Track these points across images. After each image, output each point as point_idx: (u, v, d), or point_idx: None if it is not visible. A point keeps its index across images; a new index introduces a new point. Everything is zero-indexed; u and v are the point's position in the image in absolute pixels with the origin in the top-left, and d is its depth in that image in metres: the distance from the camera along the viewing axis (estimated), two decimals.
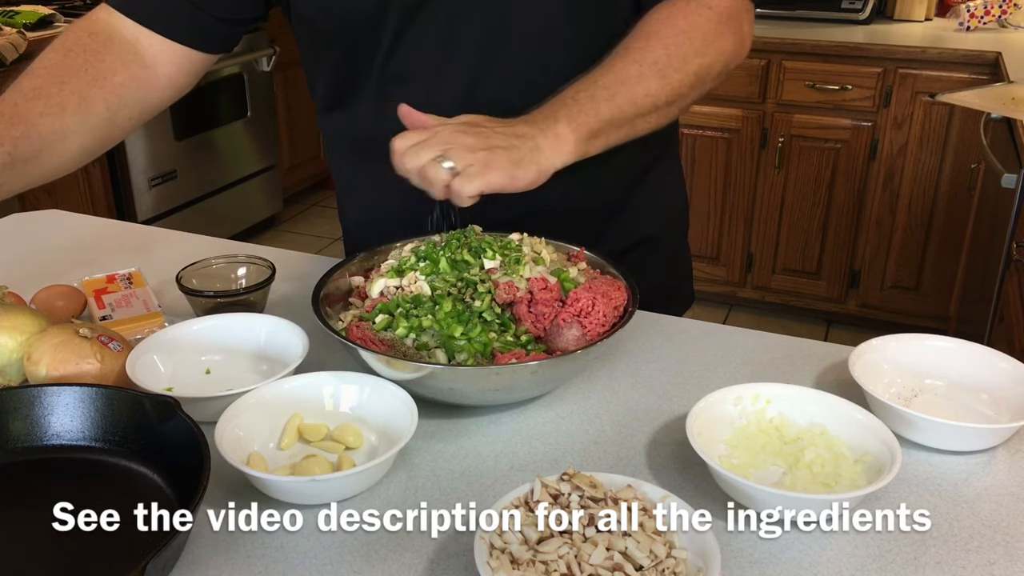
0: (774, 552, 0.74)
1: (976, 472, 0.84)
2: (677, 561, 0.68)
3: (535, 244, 1.01)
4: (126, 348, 0.94)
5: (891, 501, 0.79)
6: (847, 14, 3.05)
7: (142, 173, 3.34)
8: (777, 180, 3.06)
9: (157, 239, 1.40)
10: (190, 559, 0.73)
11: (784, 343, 1.07)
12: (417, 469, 0.84)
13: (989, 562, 0.74)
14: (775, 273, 3.17)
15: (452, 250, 0.97)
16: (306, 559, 0.73)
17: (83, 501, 0.73)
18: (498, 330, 0.92)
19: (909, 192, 2.93)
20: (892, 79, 2.82)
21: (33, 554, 0.73)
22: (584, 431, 0.90)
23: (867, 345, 0.95)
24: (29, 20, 2.92)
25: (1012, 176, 1.96)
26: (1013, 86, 2.35)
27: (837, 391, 0.88)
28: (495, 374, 0.86)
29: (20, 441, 0.83)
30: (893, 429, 0.82)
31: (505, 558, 0.67)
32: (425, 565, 0.73)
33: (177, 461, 0.78)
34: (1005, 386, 0.91)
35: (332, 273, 1.02)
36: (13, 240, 1.37)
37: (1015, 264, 1.93)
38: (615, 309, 0.94)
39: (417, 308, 0.92)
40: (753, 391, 0.87)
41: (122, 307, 1.08)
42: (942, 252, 2.94)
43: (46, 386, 0.85)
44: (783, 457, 0.83)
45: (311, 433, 0.86)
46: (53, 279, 1.14)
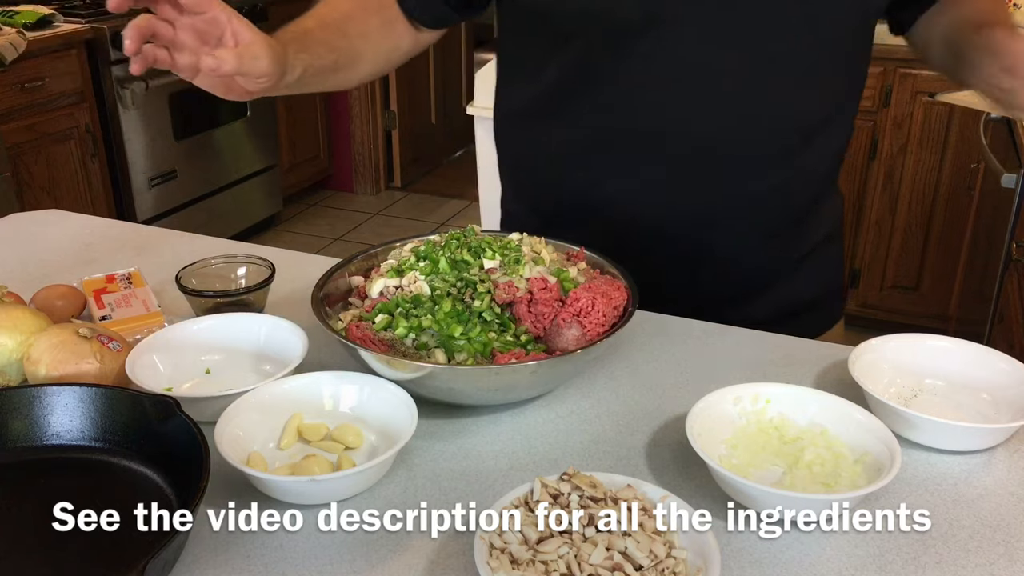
0: (774, 552, 0.74)
1: (976, 472, 0.84)
2: (677, 561, 0.68)
3: (535, 244, 1.01)
4: (126, 348, 0.94)
5: (891, 501, 0.79)
6: None
7: (142, 173, 3.34)
8: None
9: (157, 239, 1.39)
10: (190, 559, 0.73)
11: (784, 343, 1.07)
12: (417, 469, 0.84)
13: (989, 562, 0.74)
14: None
15: (452, 250, 0.98)
16: (306, 559, 0.73)
17: (83, 501, 0.73)
18: (498, 330, 0.92)
19: (909, 192, 2.93)
20: (892, 79, 2.82)
21: (33, 554, 0.73)
22: (584, 431, 0.90)
23: (867, 345, 0.95)
24: (29, 20, 2.92)
25: (1012, 176, 1.96)
26: None
27: (837, 391, 0.88)
28: (495, 374, 0.86)
29: (20, 441, 0.83)
30: (893, 429, 0.82)
31: (505, 558, 0.67)
32: (425, 565, 0.73)
33: (177, 461, 0.78)
34: (1005, 386, 0.91)
35: (332, 273, 1.02)
36: (13, 240, 1.37)
37: (1015, 264, 1.93)
38: (615, 309, 0.94)
39: (417, 308, 0.92)
40: (753, 391, 0.87)
41: (122, 307, 1.08)
42: (942, 252, 2.94)
43: (46, 386, 0.85)
44: (783, 457, 0.83)
45: (311, 433, 0.86)
46: (53, 279, 1.14)
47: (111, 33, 3.07)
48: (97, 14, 3.12)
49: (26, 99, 2.89)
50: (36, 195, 2.97)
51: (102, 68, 3.12)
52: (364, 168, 4.58)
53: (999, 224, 2.11)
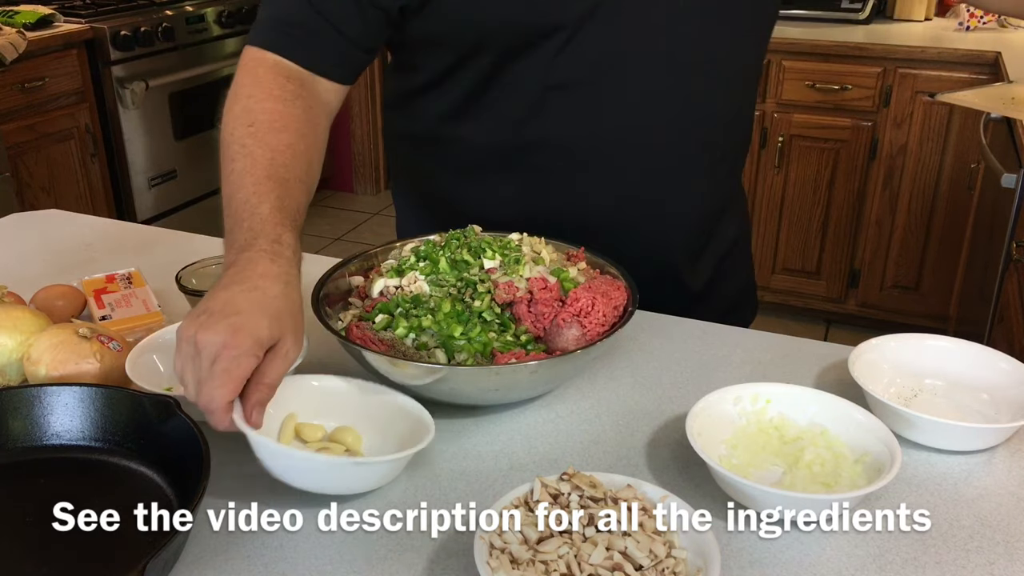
0: (774, 552, 0.74)
1: (976, 472, 0.84)
2: (677, 561, 0.68)
3: (535, 244, 1.01)
4: (126, 348, 0.94)
5: (891, 501, 0.79)
6: (847, 14, 3.05)
7: (142, 173, 3.34)
8: (777, 180, 3.06)
9: (157, 239, 1.39)
10: (190, 559, 0.73)
11: (784, 343, 1.07)
12: (417, 469, 0.84)
13: (989, 562, 0.74)
14: (775, 273, 3.17)
15: (452, 250, 0.97)
16: (306, 559, 0.73)
17: (83, 501, 0.73)
18: (498, 330, 0.92)
19: (909, 192, 2.92)
20: (892, 79, 2.82)
21: (33, 554, 0.73)
22: (584, 431, 0.90)
23: (867, 345, 0.95)
24: (29, 20, 2.92)
25: (1012, 176, 1.96)
26: (1013, 86, 2.35)
27: (837, 391, 0.88)
28: (495, 374, 0.86)
29: (20, 441, 0.83)
30: (893, 429, 0.82)
31: (505, 558, 0.67)
32: (425, 565, 0.73)
33: (177, 461, 0.78)
34: (1005, 386, 0.91)
35: (332, 273, 1.02)
36: (13, 240, 1.37)
37: (1015, 264, 1.93)
38: (615, 309, 0.94)
39: (417, 308, 0.92)
40: (753, 391, 0.87)
41: (122, 307, 1.08)
42: (942, 252, 2.94)
43: (46, 386, 0.85)
44: (783, 457, 0.83)
45: (308, 433, 0.86)
46: (53, 279, 1.14)
47: (111, 33, 3.07)
48: (97, 14, 3.12)
49: (26, 99, 2.88)
50: (36, 195, 2.97)
51: (102, 68, 3.12)
52: (364, 168, 4.58)
53: (999, 224, 2.10)
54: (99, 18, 3.09)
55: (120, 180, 3.30)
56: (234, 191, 0.89)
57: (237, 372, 0.73)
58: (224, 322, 0.74)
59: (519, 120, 1.09)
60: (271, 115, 0.95)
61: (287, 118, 0.95)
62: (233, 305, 0.76)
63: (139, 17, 3.19)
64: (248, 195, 0.88)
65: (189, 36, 3.33)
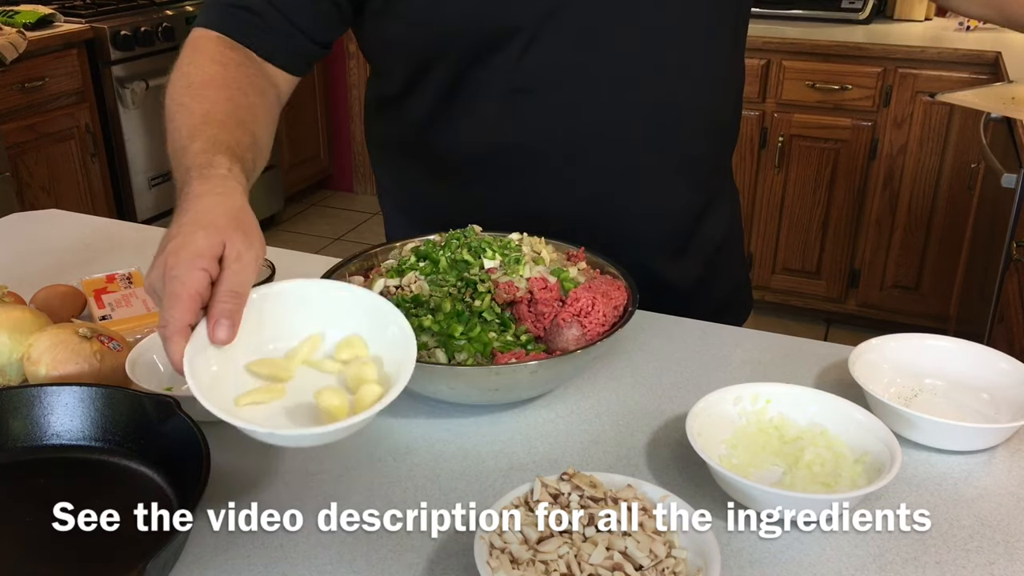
0: (774, 552, 0.74)
1: (976, 472, 0.84)
2: (677, 561, 0.68)
3: (535, 244, 1.01)
4: (126, 348, 0.94)
5: (891, 501, 0.79)
6: (847, 14, 3.05)
7: (142, 173, 3.34)
8: (777, 180, 3.06)
9: (157, 239, 1.38)
10: (190, 559, 0.73)
11: (784, 343, 1.07)
12: (417, 469, 0.84)
13: (989, 562, 0.74)
14: (775, 273, 3.17)
15: (452, 250, 0.98)
16: (306, 559, 0.73)
17: (83, 501, 0.73)
18: (498, 330, 0.92)
19: (909, 192, 2.93)
20: (892, 79, 2.82)
21: (33, 554, 0.73)
22: (584, 431, 0.90)
23: (867, 345, 0.95)
24: (29, 20, 2.93)
25: (1012, 176, 1.96)
26: (1013, 86, 2.35)
27: (837, 391, 0.88)
28: (495, 374, 0.86)
29: (20, 441, 0.83)
30: (893, 429, 0.82)
31: (505, 558, 0.67)
32: (425, 565, 0.73)
33: (177, 461, 0.78)
34: (1005, 386, 0.91)
35: (332, 273, 1.02)
36: (13, 240, 1.37)
37: (1015, 264, 1.93)
38: (615, 309, 0.94)
39: (417, 308, 0.92)
40: (753, 391, 0.87)
41: (122, 307, 1.08)
42: (942, 252, 2.94)
43: (46, 386, 0.84)
44: (783, 457, 0.83)
45: (320, 365, 0.77)
46: (53, 279, 1.14)
47: (111, 33, 3.07)
48: (97, 14, 3.12)
49: (26, 99, 2.89)
50: (36, 195, 2.97)
51: (102, 68, 3.12)
52: (364, 168, 4.57)
53: (999, 224, 2.10)
54: (99, 18, 3.10)
55: (120, 180, 3.30)
56: (174, 147, 0.88)
57: (184, 290, 0.70)
58: (162, 256, 0.73)
59: (491, 125, 1.09)
60: (211, 75, 0.94)
61: (227, 79, 0.94)
62: (169, 236, 0.75)
63: (139, 17, 3.19)
64: (184, 142, 0.87)
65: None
